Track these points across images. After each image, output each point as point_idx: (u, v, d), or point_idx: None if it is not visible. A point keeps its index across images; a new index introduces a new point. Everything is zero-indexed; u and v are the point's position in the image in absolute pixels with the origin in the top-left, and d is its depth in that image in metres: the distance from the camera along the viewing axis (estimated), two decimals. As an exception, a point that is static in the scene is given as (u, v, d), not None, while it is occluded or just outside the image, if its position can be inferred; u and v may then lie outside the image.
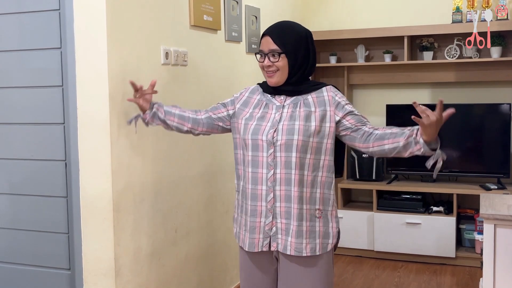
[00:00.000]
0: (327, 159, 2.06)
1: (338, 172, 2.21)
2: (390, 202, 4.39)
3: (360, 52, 4.63)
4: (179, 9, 2.87)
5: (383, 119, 4.53)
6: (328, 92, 2.08)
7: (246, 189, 2.08)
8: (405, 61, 4.40)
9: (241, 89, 2.36)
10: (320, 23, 4.82)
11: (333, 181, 2.12)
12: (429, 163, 1.91)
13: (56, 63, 2.49)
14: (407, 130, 1.96)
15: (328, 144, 2.05)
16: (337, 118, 2.04)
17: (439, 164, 1.90)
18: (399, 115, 4.46)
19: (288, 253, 2.04)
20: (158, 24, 2.70)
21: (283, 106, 2.07)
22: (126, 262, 2.51)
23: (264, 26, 3.90)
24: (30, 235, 2.63)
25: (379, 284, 3.87)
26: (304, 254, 2.03)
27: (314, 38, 2.22)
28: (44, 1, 2.48)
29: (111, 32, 2.38)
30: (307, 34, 2.10)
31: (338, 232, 2.15)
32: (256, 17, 3.78)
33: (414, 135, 1.92)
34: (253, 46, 3.73)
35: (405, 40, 4.37)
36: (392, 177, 4.57)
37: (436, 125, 1.84)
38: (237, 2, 3.49)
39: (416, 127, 1.93)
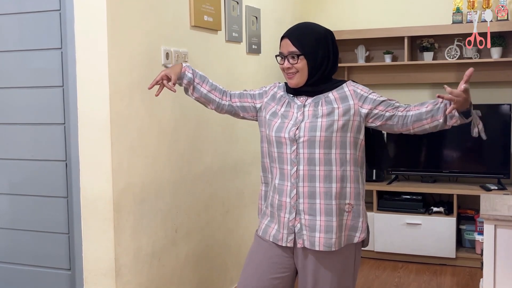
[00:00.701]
0: (352, 153, 2.06)
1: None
2: (390, 202, 4.39)
3: (361, 52, 4.63)
4: (179, 9, 2.88)
5: (383, 119, 4.53)
6: (348, 87, 2.10)
7: (275, 184, 2.12)
8: (406, 62, 4.40)
9: (241, 89, 2.36)
10: (320, 23, 4.77)
11: (362, 175, 2.13)
12: (473, 131, 1.98)
13: (57, 64, 2.49)
14: (441, 104, 1.98)
15: (351, 138, 2.06)
16: (365, 111, 2.06)
17: (481, 125, 1.97)
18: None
19: (317, 249, 2.04)
20: (159, 25, 2.70)
21: (304, 106, 2.09)
22: (126, 262, 2.51)
23: (264, 27, 3.90)
24: (30, 235, 2.63)
25: (379, 285, 3.87)
26: (333, 249, 2.05)
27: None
28: (44, 1, 2.48)
29: (112, 33, 2.39)
30: (327, 34, 2.11)
31: (368, 228, 2.17)
32: (256, 18, 3.78)
33: (448, 110, 1.94)
34: (253, 46, 3.73)
35: (406, 40, 4.38)
36: (392, 178, 4.57)
37: (465, 95, 1.89)
38: (237, 3, 3.49)
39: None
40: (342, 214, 2.07)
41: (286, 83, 2.19)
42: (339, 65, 4.64)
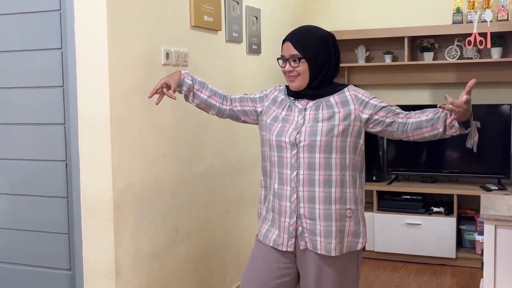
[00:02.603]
0: (351, 157, 2.06)
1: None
2: (390, 202, 4.39)
3: (361, 52, 4.63)
4: (179, 9, 2.88)
5: (383, 119, 4.52)
6: (350, 92, 2.10)
7: (274, 188, 2.11)
8: (406, 62, 4.40)
9: (241, 89, 2.36)
10: (321, 23, 4.81)
11: (361, 180, 2.13)
12: (468, 142, 2.00)
13: (57, 64, 2.49)
14: (441, 113, 1.99)
15: (351, 142, 2.05)
16: (365, 116, 2.06)
17: (476, 137, 1.99)
18: (399, 116, 4.45)
19: (319, 252, 2.04)
20: (159, 25, 2.70)
21: (305, 109, 2.08)
22: (127, 262, 2.51)
23: (264, 27, 3.90)
24: (30, 235, 2.63)
25: (379, 285, 3.87)
26: (333, 254, 2.04)
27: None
28: (44, 1, 2.48)
29: (112, 33, 2.39)
30: (329, 37, 2.11)
31: (366, 232, 2.17)
32: (256, 18, 3.78)
33: (448, 120, 1.96)
34: (253, 46, 3.73)
35: (406, 40, 4.37)
36: (392, 178, 4.57)
37: (466, 106, 1.92)
38: (237, 3, 3.49)
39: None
40: (344, 220, 2.06)
41: (287, 86, 2.19)
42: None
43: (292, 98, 2.14)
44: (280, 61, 2.11)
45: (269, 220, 2.16)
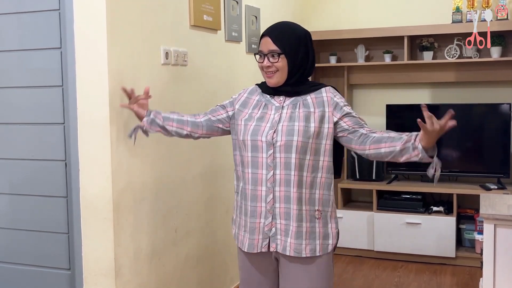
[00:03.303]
0: (326, 160, 2.06)
1: (337, 173, 2.21)
2: (390, 202, 4.39)
3: (360, 52, 4.63)
4: (179, 9, 2.87)
5: (383, 119, 4.53)
6: (327, 93, 2.08)
7: (246, 190, 2.08)
8: (405, 61, 4.40)
9: (241, 89, 2.36)
10: (320, 23, 4.82)
11: (332, 182, 2.12)
12: (430, 172, 1.93)
13: (56, 63, 2.49)
14: (405, 135, 1.96)
15: (327, 145, 2.05)
16: (335, 119, 2.05)
17: (438, 173, 1.93)
18: (399, 115, 4.46)
19: (288, 254, 2.03)
20: (158, 24, 2.70)
21: (282, 107, 2.07)
22: (126, 262, 2.51)
23: (264, 26, 3.90)
24: (30, 235, 2.63)
25: (379, 284, 3.87)
26: (304, 255, 2.03)
27: (314, 38, 2.23)
28: (44, 1, 2.48)
29: (111, 32, 2.38)
30: (306, 35, 2.10)
31: (338, 233, 2.15)
32: (256, 17, 3.78)
33: (412, 141, 1.92)
34: (253, 46, 3.73)
35: (405, 40, 4.37)
36: (392, 177, 4.57)
37: (437, 133, 1.85)
38: (237, 2, 3.49)
39: (415, 133, 1.94)
40: (314, 221, 2.05)
41: (261, 84, 2.17)
42: (339, 64, 4.66)
43: (268, 96, 2.12)
44: (257, 56, 2.08)
45: (241, 225, 2.14)
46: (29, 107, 2.57)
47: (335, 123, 2.05)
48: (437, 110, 3.58)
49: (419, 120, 1.85)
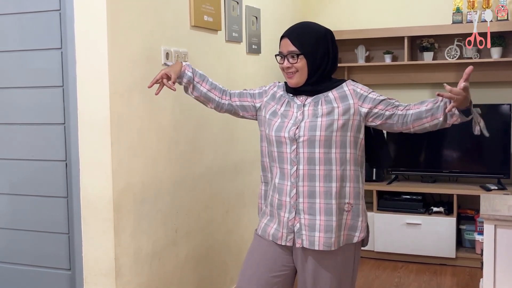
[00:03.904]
0: (352, 152, 2.07)
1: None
2: (390, 202, 4.39)
3: (361, 52, 4.63)
4: (179, 9, 2.88)
5: (383, 119, 4.53)
6: (348, 86, 2.10)
7: (275, 183, 2.12)
8: (406, 62, 4.40)
9: (241, 89, 2.36)
10: (320, 23, 4.79)
11: (360, 175, 2.13)
12: (476, 129, 1.97)
13: (57, 64, 2.49)
14: (440, 102, 1.99)
15: (351, 137, 2.06)
16: (365, 110, 2.06)
17: (482, 123, 1.96)
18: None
19: (316, 248, 2.04)
20: (159, 25, 2.70)
21: (304, 105, 2.09)
22: (126, 262, 2.51)
23: (264, 27, 3.90)
24: (30, 235, 2.63)
25: (379, 285, 3.87)
26: (333, 248, 2.05)
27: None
28: (44, 1, 2.48)
29: (112, 33, 2.39)
30: (327, 33, 2.12)
31: (367, 227, 2.17)
32: (256, 18, 3.78)
33: (447, 108, 1.94)
34: (253, 46, 3.73)
35: (406, 40, 4.38)
36: (392, 178, 4.57)
37: (465, 95, 1.89)
38: (237, 3, 3.49)
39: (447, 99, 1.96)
40: (342, 214, 2.07)
41: (285, 83, 2.19)
42: (339, 65, 4.65)
43: (291, 95, 2.14)
44: (278, 57, 2.11)
45: (268, 215, 2.17)
46: (29, 107, 2.58)
47: (367, 114, 2.06)
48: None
49: (437, 93, 1.94)
